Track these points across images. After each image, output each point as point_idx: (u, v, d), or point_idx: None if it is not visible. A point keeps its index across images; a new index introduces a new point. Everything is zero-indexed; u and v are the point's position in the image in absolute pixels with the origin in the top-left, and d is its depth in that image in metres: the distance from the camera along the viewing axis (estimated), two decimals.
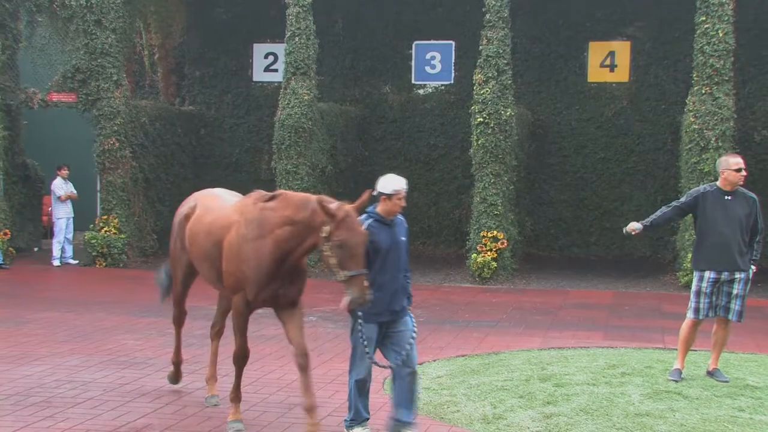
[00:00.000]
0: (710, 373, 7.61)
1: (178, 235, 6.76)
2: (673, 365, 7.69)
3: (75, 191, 16.08)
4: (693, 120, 13.43)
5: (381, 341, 5.90)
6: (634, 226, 7.66)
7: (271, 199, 5.89)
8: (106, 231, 15.36)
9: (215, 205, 6.44)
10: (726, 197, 7.41)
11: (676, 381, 7.43)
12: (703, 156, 13.27)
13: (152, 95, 19.43)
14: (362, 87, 18.45)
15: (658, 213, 7.77)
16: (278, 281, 5.85)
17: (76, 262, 15.79)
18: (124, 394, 6.90)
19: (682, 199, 7.77)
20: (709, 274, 7.38)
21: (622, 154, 17.34)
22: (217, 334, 7.06)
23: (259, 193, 6.04)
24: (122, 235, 15.39)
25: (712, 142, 13.29)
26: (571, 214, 17.67)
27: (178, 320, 7.26)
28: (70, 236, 15.92)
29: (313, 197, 5.67)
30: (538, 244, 17.66)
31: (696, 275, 7.50)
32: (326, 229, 5.43)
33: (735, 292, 7.40)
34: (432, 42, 17.85)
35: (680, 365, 7.62)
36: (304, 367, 5.90)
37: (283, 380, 7.49)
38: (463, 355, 8.68)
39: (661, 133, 16.98)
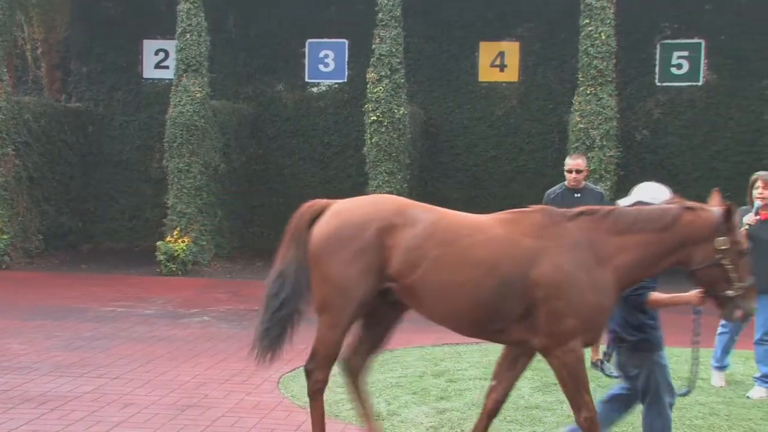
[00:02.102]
0: (594, 364, 7.85)
1: (363, 259, 4.83)
2: None
3: None
4: (579, 119, 13.84)
5: None
6: None
7: (579, 216, 4.75)
8: None
9: (457, 223, 4.97)
10: (575, 195, 7.71)
11: None
12: (589, 154, 13.67)
13: (36, 91, 18.79)
14: (255, 85, 18.30)
15: None
16: None
17: None
18: (7, 401, 6.66)
19: None
20: None
21: (512, 153, 17.72)
22: (358, 382, 5.43)
23: (549, 209, 4.86)
24: (5, 236, 14.83)
25: (597, 140, 13.73)
26: (464, 211, 17.92)
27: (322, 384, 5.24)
28: None
29: (675, 206, 4.70)
30: None
31: None
32: (723, 239, 4.54)
33: None
34: (325, 40, 17.85)
35: None
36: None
37: (175, 382, 7.36)
38: None
39: (549, 132, 17.42)
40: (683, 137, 17.05)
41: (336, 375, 7.62)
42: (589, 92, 13.89)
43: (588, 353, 8.25)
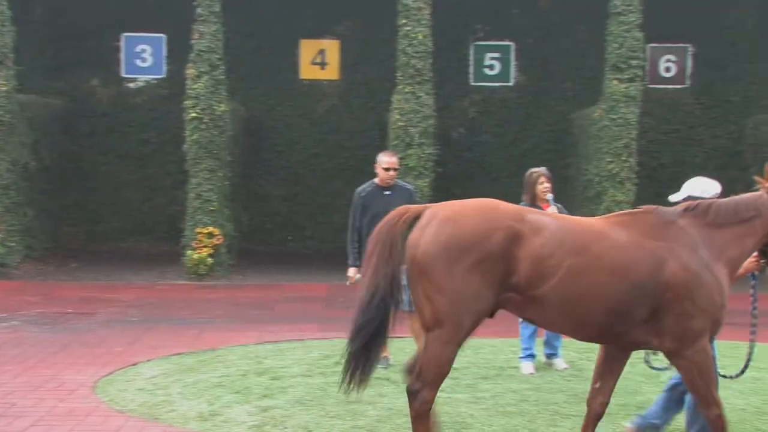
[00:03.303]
0: (385, 359, 8.02)
1: (486, 268, 4.53)
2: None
3: None
4: (398, 118, 14.14)
5: None
6: (351, 275, 7.92)
7: (684, 213, 4.82)
8: None
9: (581, 229, 4.77)
10: (385, 192, 7.87)
11: (384, 368, 7.79)
12: (408, 152, 14.00)
13: None
14: (67, 79, 17.52)
15: (351, 245, 7.94)
16: None
17: None
18: None
19: (354, 213, 7.92)
20: None
21: (333, 150, 17.89)
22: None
23: (659, 210, 4.84)
24: None
25: (415, 138, 14.07)
26: (286, 209, 17.97)
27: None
28: None
29: (764, 191, 4.92)
30: (254, 239, 17.78)
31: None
32: None
33: (404, 282, 7.85)
34: (142, 34, 17.35)
35: (385, 353, 8.00)
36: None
37: None
38: (178, 353, 8.55)
39: (370, 130, 17.69)
40: (496, 135, 17.79)
41: (158, 375, 7.47)
42: (407, 91, 14.21)
43: (412, 349, 8.48)
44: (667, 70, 17.63)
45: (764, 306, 11.06)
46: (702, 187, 5.21)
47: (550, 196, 7.64)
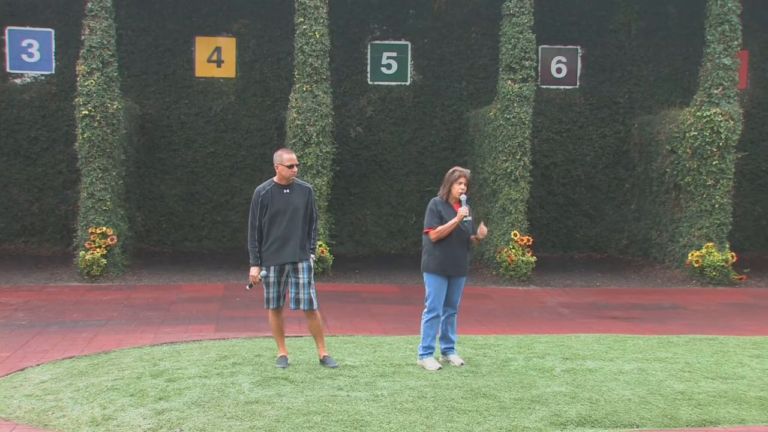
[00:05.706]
0: (322, 361, 8.05)
1: None
2: (278, 353, 8.06)
3: None
4: (296, 116, 14.12)
5: None
6: (254, 274, 7.84)
7: None
8: None
9: None
10: (285, 191, 7.89)
11: (283, 367, 7.80)
12: (306, 150, 14.01)
13: None
14: None
15: (251, 244, 7.86)
16: None
17: None
18: None
19: (254, 211, 7.88)
20: (273, 267, 7.81)
21: (231, 149, 17.70)
22: None
23: None
24: None
25: (313, 137, 14.07)
26: (182, 209, 17.69)
27: None
28: None
29: None
30: (150, 239, 17.46)
31: (264, 268, 7.85)
32: None
33: (301, 281, 7.90)
34: (28, 29, 16.78)
35: (283, 352, 8.02)
36: None
37: None
38: (70, 357, 8.34)
39: (267, 128, 17.61)
40: (394, 134, 17.93)
41: (48, 380, 7.26)
42: (305, 89, 14.20)
43: (311, 347, 8.50)
44: (559, 71, 18.10)
45: (645, 300, 11.50)
46: None
47: (464, 197, 7.82)
